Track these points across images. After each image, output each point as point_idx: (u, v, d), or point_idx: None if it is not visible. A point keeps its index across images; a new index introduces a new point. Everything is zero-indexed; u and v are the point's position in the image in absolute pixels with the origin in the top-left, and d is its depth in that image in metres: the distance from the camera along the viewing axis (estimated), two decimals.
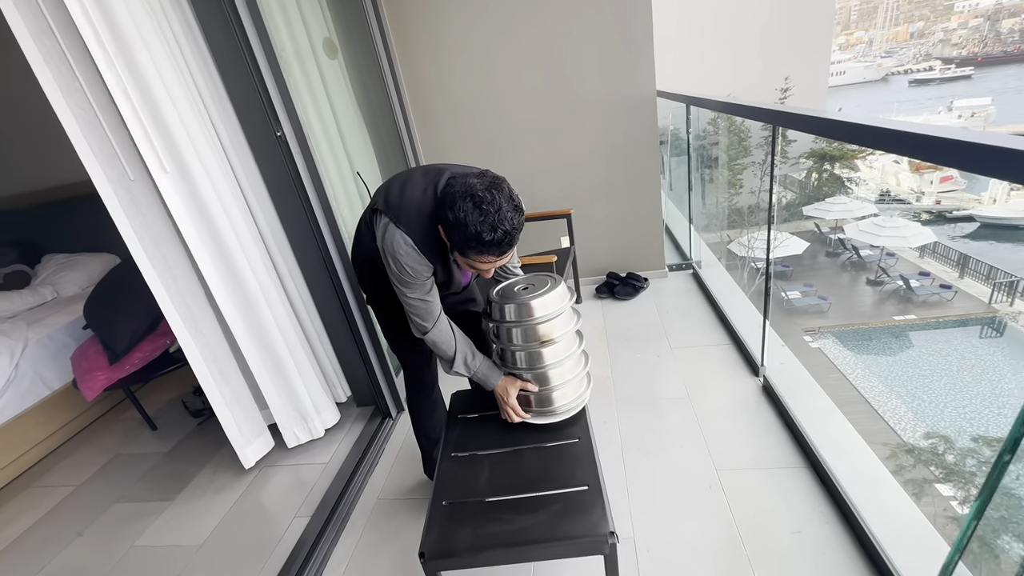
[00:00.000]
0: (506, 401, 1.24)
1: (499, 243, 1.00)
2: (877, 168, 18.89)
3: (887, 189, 18.53)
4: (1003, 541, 2.74)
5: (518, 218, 1.01)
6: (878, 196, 18.13)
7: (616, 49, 2.50)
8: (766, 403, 1.81)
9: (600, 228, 2.88)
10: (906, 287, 11.62)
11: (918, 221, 13.74)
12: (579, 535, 0.99)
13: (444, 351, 1.25)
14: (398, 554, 1.48)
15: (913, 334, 10.87)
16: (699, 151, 3.54)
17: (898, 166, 18.32)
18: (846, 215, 13.59)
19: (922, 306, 11.36)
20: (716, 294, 2.59)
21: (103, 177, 1.38)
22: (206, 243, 1.60)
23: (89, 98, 1.37)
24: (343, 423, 2.11)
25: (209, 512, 1.77)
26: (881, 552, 1.18)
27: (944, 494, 5.52)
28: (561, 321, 1.21)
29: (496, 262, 1.08)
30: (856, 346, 10.85)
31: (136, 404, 2.29)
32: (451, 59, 2.59)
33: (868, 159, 17.98)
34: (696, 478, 1.54)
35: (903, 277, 11.86)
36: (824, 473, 1.44)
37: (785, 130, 1.64)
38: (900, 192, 18.14)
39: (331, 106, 2.10)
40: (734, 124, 9.21)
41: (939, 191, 17.42)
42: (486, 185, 0.99)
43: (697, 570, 1.26)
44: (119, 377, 2.03)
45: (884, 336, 11.03)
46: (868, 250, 12.97)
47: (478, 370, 1.26)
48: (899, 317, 11.21)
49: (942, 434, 6.27)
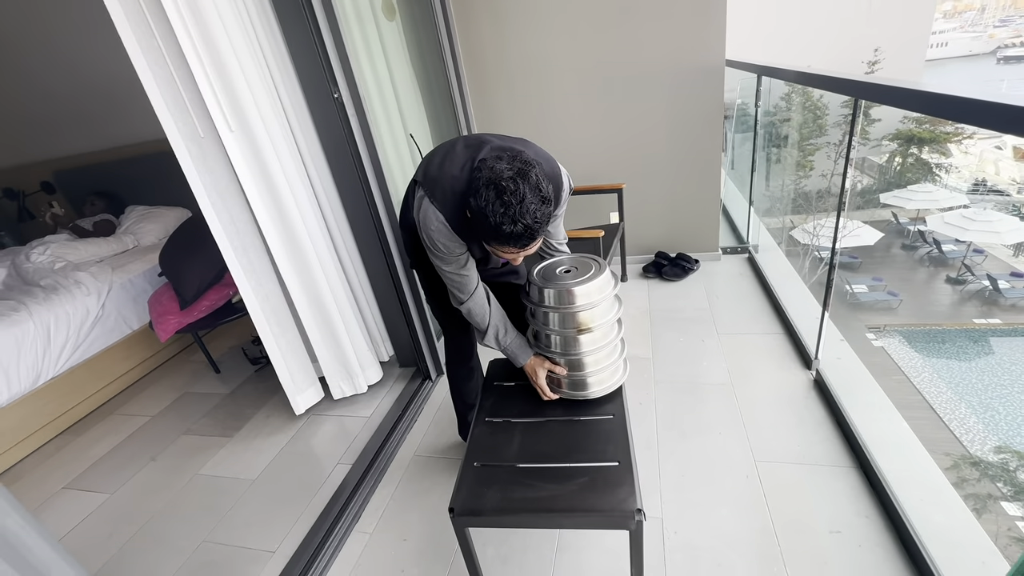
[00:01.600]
0: (535, 380, 1.25)
1: (519, 236, 0.95)
2: (974, 154, 16.95)
3: (983, 178, 16.64)
4: None
5: (543, 210, 0.96)
6: (971, 186, 16.34)
7: (686, 12, 2.34)
8: (816, 398, 1.72)
9: (652, 205, 2.77)
10: (993, 288, 10.54)
11: (1016, 215, 12.28)
12: (606, 509, 1.00)
13: (478, 323, 1.26)
14: (430, 508, 1.55)
15: (995, 340, 9.92)
16: (767, 128, 3.30)
17: (999, 152, 16.33)
18: (930, 205, 12.37)
19: (1010, 310, 10.30)
20: (772, 281, 2.45)
21: (176, 133, 1.46)
22: (265, 200, 1.68)
23: (166, 57, 1.44)
24: (385, 381, 2.21)
25: (262, 452, 1.92)
26: (928, 560, 1.11)
27: (1011, 513, 5.13)
28: (601, 310, 1.18)
29: (520, 253, 1.05)
30: (925, 348, 10.05)
31: (203, 348, 2.49)
32: (510, 21, 2.52)
33: (964, 143, 16.15)
34: (733, 466, 1.50)
35: (991, 277, 10.75)
36: (873, 475, 1.36)
37: (868, 107, 1.49)
38: (998, 183, 16.23)
39: (388, 68, 2.11)
40: (810, 100, 8.48)
41: None
42: (513, 173, 0.93)
43: (726, 557, 1.24)
44: (188, 322, 2.20)
45: (960, 339, 10.13)
46: (952, 245, 11.80)
47: (509, 346, 1.27)
48: (980, 320, 10.24)
49: (1016, 450, 5.76)
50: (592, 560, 1.30)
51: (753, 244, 2.90)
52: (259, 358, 2.55)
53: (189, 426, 2.18)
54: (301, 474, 1.78)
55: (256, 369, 2.52)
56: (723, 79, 2.45)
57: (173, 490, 1.81)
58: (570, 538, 1.37)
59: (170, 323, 2.17)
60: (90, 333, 2.40)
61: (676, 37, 2.39)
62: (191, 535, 1.59)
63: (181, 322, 2.19)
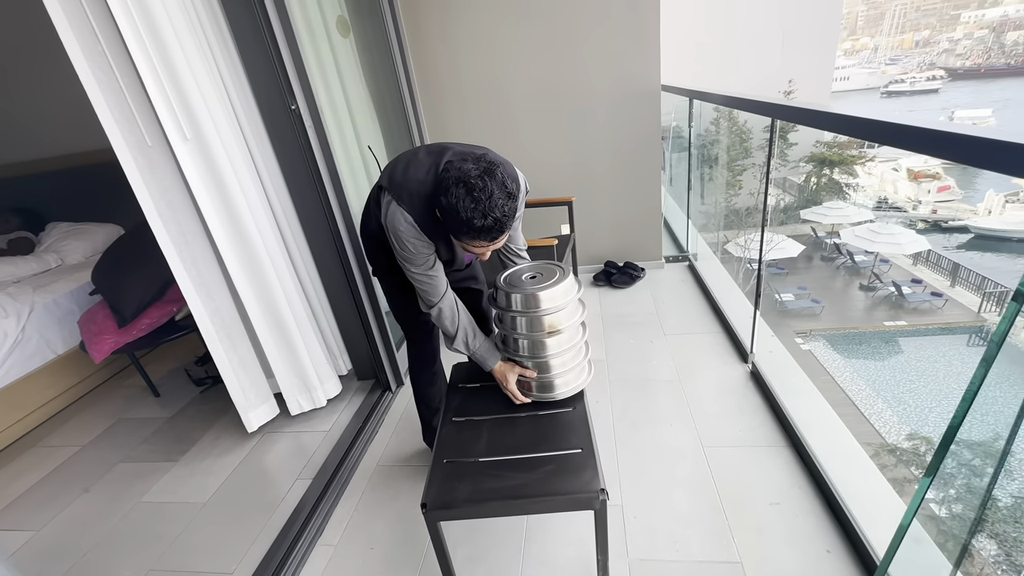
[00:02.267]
0: (505, 385, 1.29)
1: (489, 229, 1.02)
2: (876, 175, 19.00)
3: (884, 196, 18.66)
4: (953, 508, 2.94)
5: (510, 205, 1.03)
6: (875, 203, 18.26)
7: (624, 41, 2.54)
8: (753, 387, 1.88)
9: (600, 217, 2.93)
10: (898, 293, 11.77)
11: (913, 229, 13.86)
12: (571, 491, 1.06)
13: (447, 327, 1.29)
14: (396, 516, 1.55)
15: (903, 340, 11.02)
16: (700, 150, 3.60)
17: (896, 174, 18.44)
18: (842, 220, 13.69)
19: (913, 313, 11.50)
20: (710, 286, 2.66)
21: (123, 143, 1.42)
22: (219, 210, 1.65)
23: (111, 63, 1.40)
24: (344, 395, 2.17)
25: (212, 473, 1.83)
26: (852, 519, 1.26)
27: (940, 515, 5.68)
28: (567, 313, 1.24)
29: (489, 246, 1.11)
30: (846, 350, 11.00)
31: (141, 370, 2.34)
32: (460, 42, 2.63)
33: (867, 165, 18.09)
34: (683, 453, 1.61)
35: (895, 284, 12.00)
36: (804, 451, 1.51)
37: (786, 132, 1.70)
38: (897, 200, 18.27)
39: (342, 83, 2.14)
40: (736, 124, 9.25)
41: (936, 200, 17.53)
42: (480, 171, 1.00)
43: (681, 534, 1.34)
44: (127, 341, 2.07)
45: (874, 341, 11.18)
46: (862, 256, 13.09)
47: (478, 350, 1.31)
48: (890, 323, 11.35)
49: (924, 436, 6.41)
50: (558, 550, 1.36)
51: (692, 253, 3.13)
52: (204, 379, 2.43)
53: (126, 453, 2.04)
54: (257, 493, 1.71)
55: (201, 391, 2.40)
56: (659, 102, 2.67)
57: (112, 520, 1.68)
58: (536, 532, 1.42)
59: (106, 343, 2.03)
60: (7, 359, 2.20)
61: (616, 63, 2.59)
62: (136, 565, 1.49)
63: (119, 341, 2.06)
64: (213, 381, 2.43)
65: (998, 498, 3.53)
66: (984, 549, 3.09)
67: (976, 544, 0.97)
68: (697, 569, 1.25)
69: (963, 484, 3.09)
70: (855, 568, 1.20)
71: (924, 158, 18.60)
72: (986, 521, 0.95)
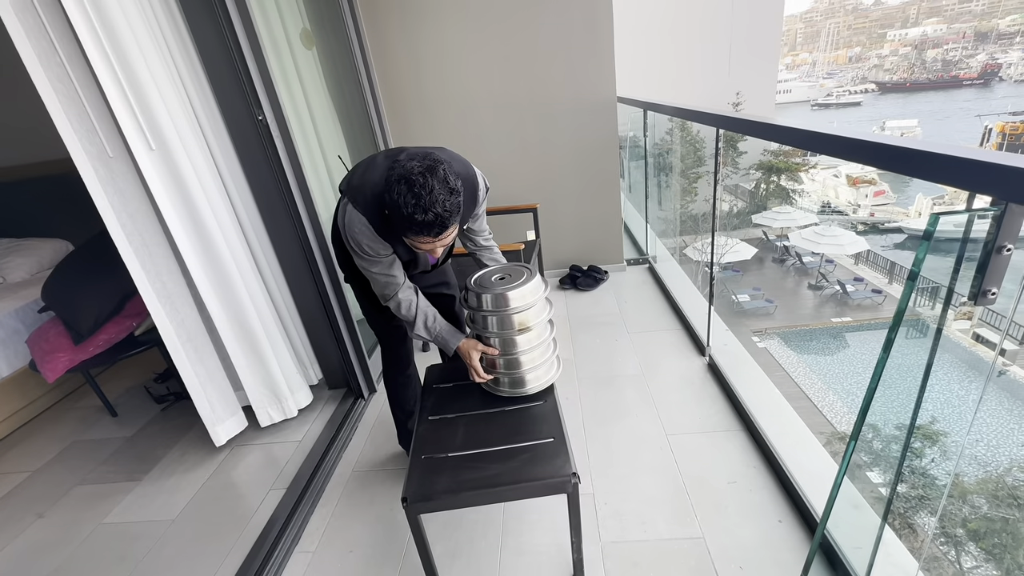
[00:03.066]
0: (470, 363, 1.33)
1: (431, 225, 1.03)
2: (819, 181, 20.23)
3: (827, 201, 19.88)
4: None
5: (452, 201, 1.04)
6: (819, 207, 19.43)
7: (580, 55, 2.67)
8: (710, 378, 2.01)
9: (564, 223, 3.04)
10: (843, 291, 12.53)
11: (854, 231, 14.82)
12: (546, 477, 1.12)
13: (405, 315, 1.31)
14: (374, 518, 1.57)
15: (849, 335, 11.74)
16: (656, 158, 3.78)
17: (837, 180, 19.71)
18: (790, 224, 14.50)
19: (856, 309, 12.28)
20: (669, 286, 2.80)
21: (82, 153, 1.40)
22: (184, 221, 1.63)
23: (69, 73, 1.39)
24: (315, 404, 2.16)
25: (180, 490, 1.78)
26: (800, 492, 1.38)
27: (873, 480, 6.06)
28: (535, 311, 1.30)
29: (436, 243, 1.12)
30: (799, 346, 11.61)
31: (96, 389, 2.25)
32: (424, 54, 2.69)
33: (810, 172, 19.26)
34: (648, 442, 1.71)
35: (840, 282, 12.79)
36: (757, 434, 1.63)
37: (735, 141, 1.84)
38: (839, 204, 19.51)
39: (305, 95, 2.15)
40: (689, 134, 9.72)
41: (873, 204, 18.83)
42: (422, 169, 1.02)
43: (649, 516, 1.42)
44: (83, 358, 2.00)
45: (823, 337, 11.86)
46: (810, 257, 13.90)
47: (440, 332, 1.34)
48: (836, 319, 12.07)
49: (871, 423, 6.84)
50: (535, 539, 1.41)
51: (652, 255, 3.29)
52: (166, 396, 2.36)
53: (83, 476, 1.95)
54: (229, 506, 1.69)
55: (163, 408, 2.33)
56: (616, 113, 2.81)
57: (71, 545, 1.61)
58: (512, 524, 1.47)
59: (60, 361, 1.95)
60: None
61: (574, 77, 2.72)
62: None
63: (74, 359, 1.98)
64: (175, 398, 2.36)
65: (912, 453, 4.11)
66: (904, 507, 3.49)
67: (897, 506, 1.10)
68: (664, 546, 1.33)
69: (882, 452, 3.45)
70: (803, 533, 1.31)
71: (861, 165, 19.98)
72: (903, 482, 1.08)
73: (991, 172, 0.64)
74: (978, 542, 4.41)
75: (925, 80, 50.52)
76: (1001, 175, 0.63)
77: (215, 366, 1.83)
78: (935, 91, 46.45)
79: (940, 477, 4.46)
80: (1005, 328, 8.92)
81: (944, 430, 5.58)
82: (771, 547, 1.29)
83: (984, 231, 0.70)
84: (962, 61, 53.51)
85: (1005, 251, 0.68)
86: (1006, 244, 0.68)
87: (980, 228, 0.70)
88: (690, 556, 1.30)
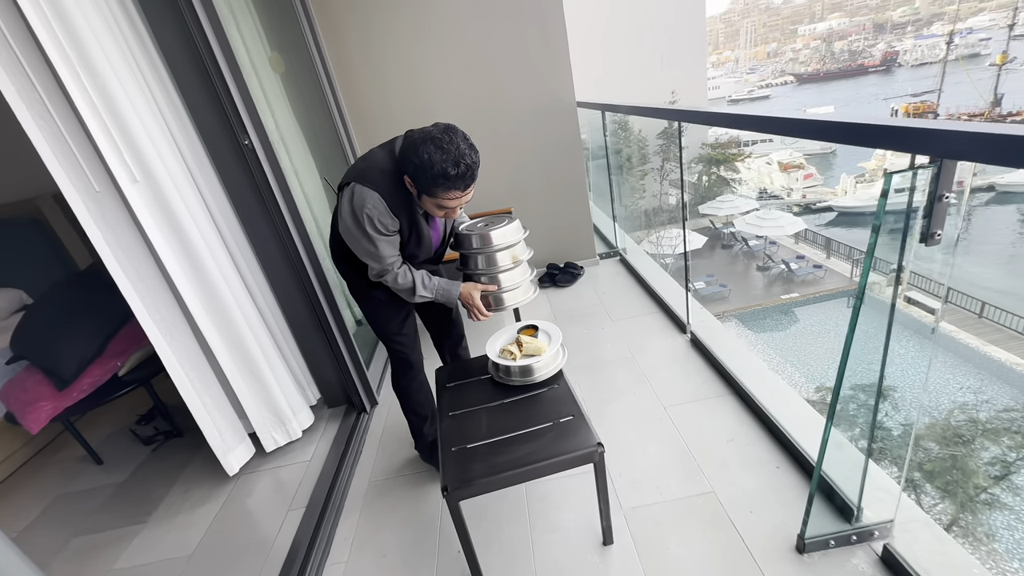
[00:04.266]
0: (472, 303, 1.43)
1: (463, 176, 1.14)
2: (754, 169, 21.54)
3: (764, 187, 21.18)
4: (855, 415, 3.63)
5: (475, 154, 1.16)
6: (758, 193, 20.67)
7: (538, 62, 2.81)
8: (695, 353, 2.16)
9: (538, 224, 3.16)
10: (788, 269, 13.36)
11: (791, 212, 15.86)
12: (574, 450, 1.22)
13: (403, 284, 1.38)
14: (401, 521, 1.60)
15: (797, 310, 12.53)
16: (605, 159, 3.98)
17: (770, 167, 21.05)
18: (734, 211, 15.34)
19: (801, 285, 13.13)
20: (643, 274, 2.97)
21: (72, 190, 1.38)
22: (175, 252, 1.62)
23: (49, 108, 1.37)
24: (317, 425, 2.15)
25: (192, 525, 1.74)
26: (790, 439, 1.54)
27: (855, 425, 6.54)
28: (521, 247, 1.49)
29: (462, 197, 1.22)
30: (755, 325, 12.28)
31: (78, 437, 2.15)
32: (384, 69, 2.75)
33: (746, 161, 20.48)
34: (649, 416, 1.83)
35: (784, 261, 13.63)
36: (745, 395, 1.79)
37: (679, 137, 2.01)
38: (774, 189, 20.81)
39: (274, 117, 2.17)
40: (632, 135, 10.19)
41: (804, 187, 20.21)
42: (441, 130, 1.14)
43: (662, 480, 1.54)
44: (68, 405, 1.91)
45: (775, 314, 12.60)
46: (755, 240, 14.75)
47: (439, 286, 1.43)
48: (785, 296, 12.86)
49: (828, 387, 7.34)
50: (562, 516, 1.49)
51: (622, 248, 3.46)
52: (154, 436, 2.28)
53: (79, 527, 1.87)
54: (248, 533, 1.67)
55: (153, 448, 2.25)
56: (576, 117, 2.97)
57: None
58: (537, 505, 1.55)
59: (43, 410, 1.86)
60: None
61: (534, 83, 2.85)
62: None
63: (58, 406, 1.89)
64: (165, 437, 2.29)
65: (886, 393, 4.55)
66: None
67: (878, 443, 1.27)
68: (680, 504, 1.45)
69: (862, 401, 3.82)
70: (799, 475, 1.46)
71: (790, 151, 21.43)
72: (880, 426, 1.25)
73: (930, 136, 0.79)
74: (933, 482, 4.85)
75: (836, 70, 54.84)
76: (937, 138, 0.78)
77: (219, 394, 1.81)
78: (845, 79, 50.52)
79: (896, 428, 4.88)
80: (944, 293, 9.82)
81: (894, 385, 6.08)
82: (773, 491, 1.44)
83: (920, 190, 0.85)
84: (865, 51, 58.55)
85: (944, 199, 0.84)
86: (944, 193, 0.84)
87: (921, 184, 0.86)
88: (705, 509, 1.42)
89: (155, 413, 2.37)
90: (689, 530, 1.37)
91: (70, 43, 1.35)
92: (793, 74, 55.84)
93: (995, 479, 4.75)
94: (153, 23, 1.57)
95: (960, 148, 0.76)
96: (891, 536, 1.24)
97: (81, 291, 2.09)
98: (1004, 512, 4.94)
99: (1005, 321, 9.73)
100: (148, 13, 1.56)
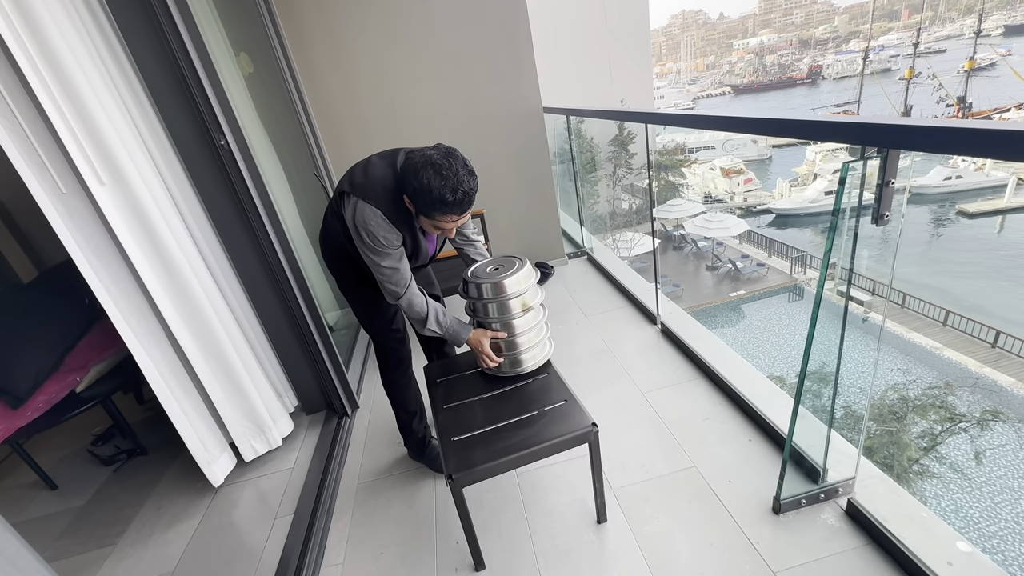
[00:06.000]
0: (481, 350, 1.45)
1: (460, 203, 1.17)
2: (699, 175, 22.68)
3: (709, 191, 22.32)
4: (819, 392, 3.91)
5: (473, 181, 1.18)
6: (704, 197, 21.76)
7: (504, 69, 2.89)
8: (666, 342, 2.29)
9: (508, 226, 3.23)
10: (734, 268, 14.13)
11: (734, 215, 16.79)
12: (570, 431, 1.28)
13: (418, 312, 1.40)
14: (395, 519, 1.60)
15: (745, 306, 13.28)
16: (561, 166, 4.12)
17: (713, 172, 22.23)
18: (683, 214, 16.08)
19: (747, 282, 13.91)
20: (611, 271, 3.10)
21: (40, 191, 1.32)
22: (148, 255, 1.56)
23: (12, 109, 1.30)
24: (297, 432, 2.11)
25: (170, 542, 1.67)
26: (760, 415, 1.67)
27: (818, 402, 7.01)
28: (531, 294, 1.45)
29: (458, 221, 1.26)
30: (707, 322, 12.81)
31: (30, 461, 2.00)
32: (352, 73, 2.74)
33: (692, 167, 21.52)
34: (630, 402, 1.92)
35: (731, 261, 14.40)
36: (716, 378, 1.92)
37: (626, 144, 2.14)
38: (718, 193, 21.98)
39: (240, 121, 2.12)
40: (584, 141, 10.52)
41: (745, 191, 21.45)
42: (442, 154, 1.17)
43: (647, 459, 1.63)
44: (21, 425, 1.77)
45: (725, 311, 13.29)
46: (703, 242, 15.52)
47: (450, 326, 1.45)
48: (733, 294, 13.59)
49: (777, 376, 7.83)
50: (555, 500, 1.55)
51: (589, 247, 3.59)
52: (116, 455, 2.15)
53: (40, 555, 1.73)
54: (234, 543, 1.62)
55: (115, 468, 2.12)
56: (543, 121, 3.07)
57: None
58: (529, 491, 1.60)
59: None
60: None
61: (501, 89, 2.93)
62: None
63: (10, 427, 1.75)
64: (128, 456, 2.16)
65: (813, 394, 4.98)
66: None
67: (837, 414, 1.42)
68: (665, 480, 1.54)
69: (823, 376, 4.14)
70: (769, 445, 1.59)
71: (731, 158, 22.71)
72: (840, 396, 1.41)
73: (877, 130, 0.92)
74: (872, 457, 5.29)
75: (768, 81, 58.77)
76: (883, 131, 0.91)
77: (199, 402, 1.74)
78: (776, 91, 54.24)
79: (855, 400, 5.26)
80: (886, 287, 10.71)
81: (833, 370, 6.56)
82: (748, 461, 1.56)
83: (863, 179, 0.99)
84: (793, 64, 63.11)
85: (891, 184, 0.97)
86: (890, 179, 0.97)
87: None
88: (688, 482, 1.52)
89: (114, 431, 2.24)
90: (675, 502, 1.46)
91: (32, 40, 1.28)
92: (730, 85, 59.32)
93: (924, 450, 5.23)
94: (120, 20, 1.52)
95: (902, 139, 0.89)
96: (853, 492, 1.38)
97: (35, 300, 1.95)
98: (932, 480, 5.45)
99: (924, 311, 10.75)
100: (115, 9, 1.50)
